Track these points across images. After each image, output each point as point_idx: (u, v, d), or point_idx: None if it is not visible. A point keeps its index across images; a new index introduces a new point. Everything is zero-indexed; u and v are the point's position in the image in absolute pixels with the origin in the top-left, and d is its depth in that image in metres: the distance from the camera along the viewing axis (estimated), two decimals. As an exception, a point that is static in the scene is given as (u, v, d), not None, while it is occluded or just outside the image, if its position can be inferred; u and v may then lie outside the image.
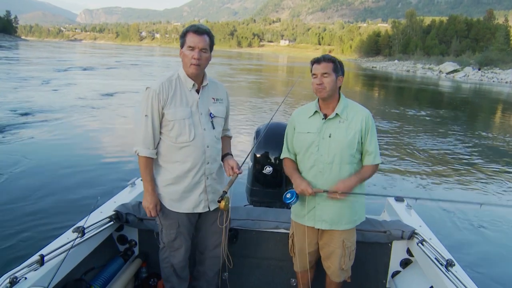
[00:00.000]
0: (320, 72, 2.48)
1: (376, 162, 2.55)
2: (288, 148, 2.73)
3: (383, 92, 33.58)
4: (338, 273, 2.73)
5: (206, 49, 2.41)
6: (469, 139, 13.50)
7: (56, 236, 2.57)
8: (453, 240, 5.13)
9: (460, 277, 2.29)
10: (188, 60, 2.40)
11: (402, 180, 8.37)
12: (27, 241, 4.72)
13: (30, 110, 13.15)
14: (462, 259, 2.78)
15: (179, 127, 2.43)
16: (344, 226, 2.61)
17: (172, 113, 2.42)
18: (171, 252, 2.68)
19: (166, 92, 2.42)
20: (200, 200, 2.58)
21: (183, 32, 2.44)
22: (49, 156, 8.44)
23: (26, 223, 5.21)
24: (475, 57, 75.94)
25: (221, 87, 2.70)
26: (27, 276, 2.07)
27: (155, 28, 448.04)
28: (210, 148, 2.53)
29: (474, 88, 43.84)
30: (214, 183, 2.61)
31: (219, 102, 2.63)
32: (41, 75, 25.60)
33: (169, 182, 2.54)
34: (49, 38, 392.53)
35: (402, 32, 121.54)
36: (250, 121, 13.61)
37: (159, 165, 2.56)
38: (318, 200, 2.55)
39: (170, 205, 2.57)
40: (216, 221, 2.68)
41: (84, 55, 68.08)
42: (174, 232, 2.61)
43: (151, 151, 2.47)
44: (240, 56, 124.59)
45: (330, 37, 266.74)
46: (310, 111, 2.63)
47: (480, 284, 2.31)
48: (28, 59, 44.26)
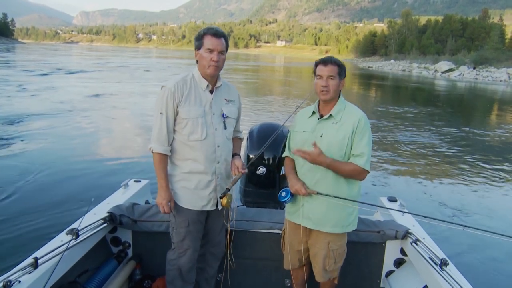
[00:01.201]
0: (326, 74, 2.49)
1: (359, 163, 2.45)
2: (289, 147, 2.78)
3: (377, 91, 33.85)
4: (321, 274, 2.74)
5: (223, 51, 2.50)
6: (458, 135, 13.80)
7: (50, 238, 2.55)
8: (446, 239, 5.11)
9: (455, 276, 2.30)
10: (207, 62, 2.46)
11: (394, 180, 8.36)
12: (20, 244, 4.68)
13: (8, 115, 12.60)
14: (456, 258, 2.77)
15: (192, 125, 2.49)
16: (330, 228, 2.60)
17: (186, 111, 2.47)
18: (180, 254, 2.70)
19: (181, 91, 2.47)
20: (210, 199, 2.63)
21: (199, 34, 2.49)
22: (39, 160, 8.21)
23: (19, 226, 5.18)
24: (470, 56, 76.42)
25: (234, 89, 2.76)
26: (21, 279, 2.06)
27: (152, 30, 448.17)
28: (221, 148, 2.59)
29: (469, 86, 44.23)
30: (224, 182, 2.66)
31: (232, 103, 2.69)
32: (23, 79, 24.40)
33: (180, 178, 2.59)
34: (46, 41, 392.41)
35: (398, 32, 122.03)
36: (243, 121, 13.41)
37: (172, 162, 2.61)
38: (306, 198, 2.58)
39: (181, 201, 2.61)
40: (220, 220, 2.77)
41: (75, 58, 67.02)
42: (183, 231, 2.65)
43: (165, 148, 2.51)
44: (237, 57, 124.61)
45: (327, 38, 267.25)
46: (309, 112, 2.68)
47: (474, 283, 2.32)
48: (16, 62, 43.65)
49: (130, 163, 8.42)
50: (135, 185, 3.77)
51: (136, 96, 19.70)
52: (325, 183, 2.51)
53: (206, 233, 2.81)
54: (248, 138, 3.66)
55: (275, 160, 3.47)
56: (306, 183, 2.55)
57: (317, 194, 2.50)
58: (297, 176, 2.62)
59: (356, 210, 2.67)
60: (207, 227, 2.79)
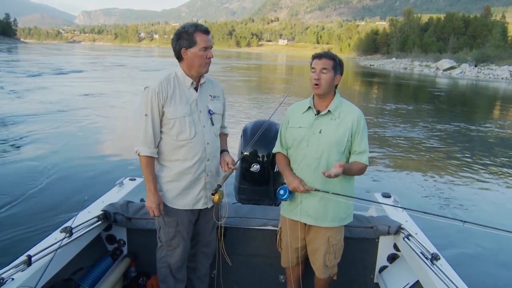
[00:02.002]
0: (319, 67, 2.48)
1: (363, 161, 2.51)
2: (281, 142, 2.74)
3: (375, 88, 33.84)
4: (322, 270, 2.74)
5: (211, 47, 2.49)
6: (457, 131, 13.83)
7: (44, 236, 2.54)
8: (439, 234, 5.10)
9: (445, 271, 2.32)
10: (203, 61, 2.41)
11: (389, 176, 8.41)
12: (14, 241, 4.67)
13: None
14: (448, 252, 2.73)
15: (179, 125, 2.43)
16: (329, 223, 2.60)
17: (172, 111, 2.42)
18: (168, 252, 2.66)
19: (166, 91, 2.41)
20: (200, 197, 2.59)
21: (187, 31, 2.39)
22: (33, 159, 8.15)
23: (13, 224, 5.17)
24: (472, 53, 76.36)
25: (217, 85, 2.71)
26: (14, 276, 2.05)
27: (154, 29, 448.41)
28: (210, 145, 2.55)
29: (471, 84, 44.32)
30: (213, 180, 2.62)
31: (217, 99, 2.64)
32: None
33: (169, 179, 2.54)
34: (48, 40, 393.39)
35: (399, 30, 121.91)
36: (234, 117, 13.18)
37: (160, 164, 2.56)
38: (305, 194, 2.56)
39: (171, 202, 2.57)
40: (211, 219, 2.72)
41: (76, 57, 67.33)
42: (172, 231, 2.60)
43: (152, 150, 2.45)
44: (239, 56, 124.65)
45: (329, 36, 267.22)
46: (304, 107, 2.64)
47: (465, 277, 2.35)
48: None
49: (125, 160, 8.37)
50: (130, 183, 3.79)
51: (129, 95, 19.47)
52: (323, 179, 2.47)
53: (196, 233, 2.79)
54: (242, 136, 3.67)
55: (269, 157, 3.49)
56: (304, 179, 2.53)
57: (316, 191, 2.50)
58: (293, 173, 2.59)
59: (351, 203, 2.70)
60: (197, 227, 2.76)
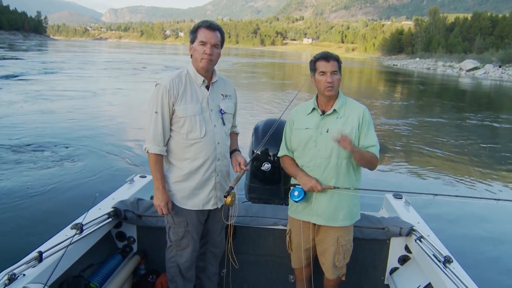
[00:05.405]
0: (330, 70, 2.46)
1: (373, 151, 2.51)
2: (287, 145, 2.73)
3: (395, 87, 34.13)
4: (331, 270, 2.74)
5: (218, 45, 2.41)
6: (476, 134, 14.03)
7: (55, 233, 2.55)
8: (451, 237, 5.05)
9: (458, 274, 2.28)
10: (199, 55, 2.37)
11: (401, 176, 8.37)
12: (25, 238, 4.70)
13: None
14: (460, 256, 2.73)
15: (190, 123, 2.40)
16: (340, 222, 2.59)
17: (183, 109, 2.38)
18: (178, 251, 2.64)
19: (177, 88, 2.38)
20: (210, 197, 2.56)
21: (194, 27, 2.42)
22: (43, 154, 8.17)
23: (24, 220, 5.22)
24: (498, 54, 75.01)
25: (230, 84, 2.68)
26: (25, 272, 2.06)
27: (179, 27, 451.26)
28: (220, 145, 2.52)
29: (494, 85, 44.15)
30: (224, 180, 2.60)
31: (228, 99, 2.60)
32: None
33: (179, 179, 2.51)
34: (76, 37, 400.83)
35: (425, 30, 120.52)
36: (247, 117, 13.22)
37: (170, 163, 2.53)
38: (315, 194, 2.55)
39: (180, 202, 2.54)
40: (220, 220, 2.71)
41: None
42: (182, 231, 2.58)
43: (161, 148, 2.42)
44: (263, 54, 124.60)
45: (353, 35, 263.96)
46: (308, 109, 2.64)
47: (478, 281, 2.31)
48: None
49: (135, 157, 8.40)
50: (141, 181, 3.82)
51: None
52: (336, 177, 2.52)
53: (206, 233, 2.78)
54: (254, 134, 3.66)
55: None
56: (317, 178, 2.54)
57: (334, 189, 2.51)
58: (307, 173, 2.58)
59: (359, 201, 2.71)
60: (207, 228, 2.76)
